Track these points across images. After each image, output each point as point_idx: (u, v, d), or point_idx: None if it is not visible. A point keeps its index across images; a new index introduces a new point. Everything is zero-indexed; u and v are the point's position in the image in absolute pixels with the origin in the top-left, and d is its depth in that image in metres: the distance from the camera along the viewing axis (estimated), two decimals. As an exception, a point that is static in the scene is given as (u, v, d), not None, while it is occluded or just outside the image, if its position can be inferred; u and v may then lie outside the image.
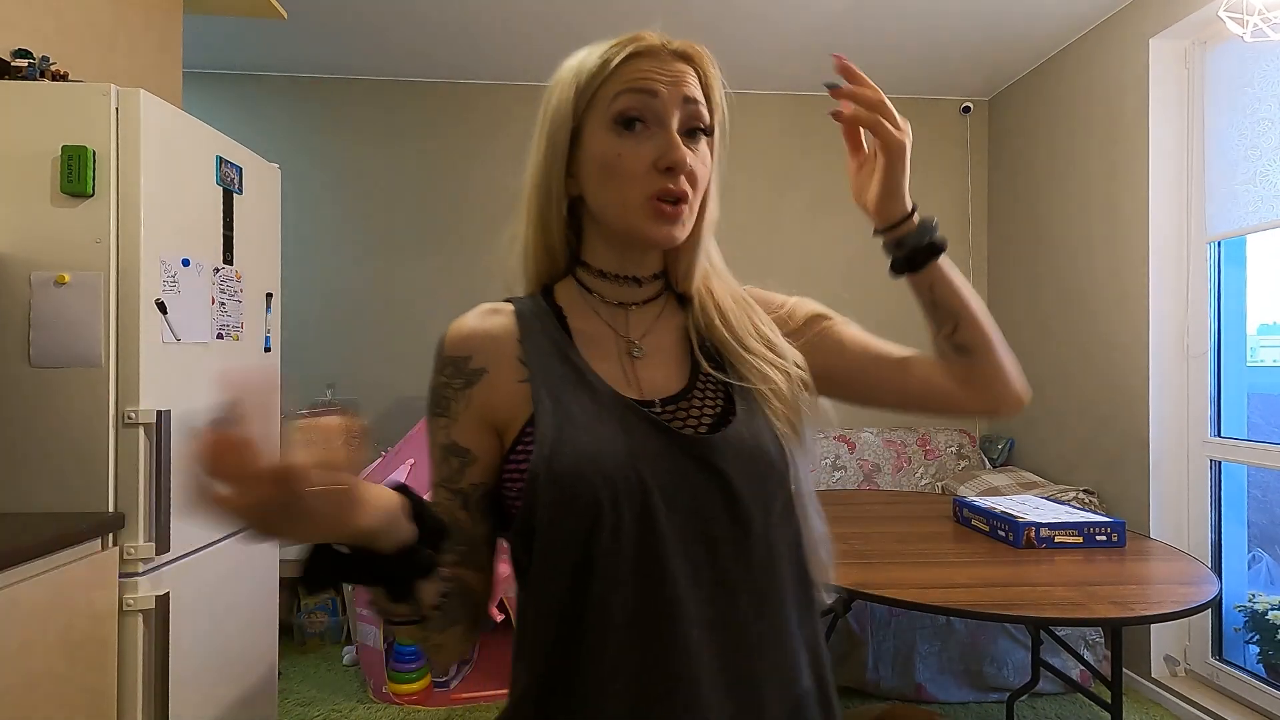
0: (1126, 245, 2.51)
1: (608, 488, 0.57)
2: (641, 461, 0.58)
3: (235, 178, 1.76)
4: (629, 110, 0.61)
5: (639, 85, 0.61)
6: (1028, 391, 0.72)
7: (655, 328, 0.69)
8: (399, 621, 0.57)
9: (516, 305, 0.69)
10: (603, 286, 0.68)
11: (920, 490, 3.01)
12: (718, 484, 0.60)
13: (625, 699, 0.56)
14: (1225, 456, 2.28)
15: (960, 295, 0.69)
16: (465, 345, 0.65)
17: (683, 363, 0.67)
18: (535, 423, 0.60)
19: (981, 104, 3.43)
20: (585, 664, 0.57)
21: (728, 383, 0.65)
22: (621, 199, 0.62)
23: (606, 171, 0.62)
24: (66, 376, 1.40)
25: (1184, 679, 2.36)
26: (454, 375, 0.64)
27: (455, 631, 0.62)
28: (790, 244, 3.33)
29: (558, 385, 0.62)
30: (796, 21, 2.69)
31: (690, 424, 0.62)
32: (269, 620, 1.94)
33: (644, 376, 0.65)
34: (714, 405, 0.64)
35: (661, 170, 0.61)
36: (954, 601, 1.36)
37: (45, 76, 1.51)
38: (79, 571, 1.31)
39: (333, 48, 2.94)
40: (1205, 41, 2.34)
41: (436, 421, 0.65)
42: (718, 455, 0.60)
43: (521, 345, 0.65)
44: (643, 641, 0.56)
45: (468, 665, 2.60)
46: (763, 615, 0.60)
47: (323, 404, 3.17)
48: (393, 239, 3.24)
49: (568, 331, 0.66)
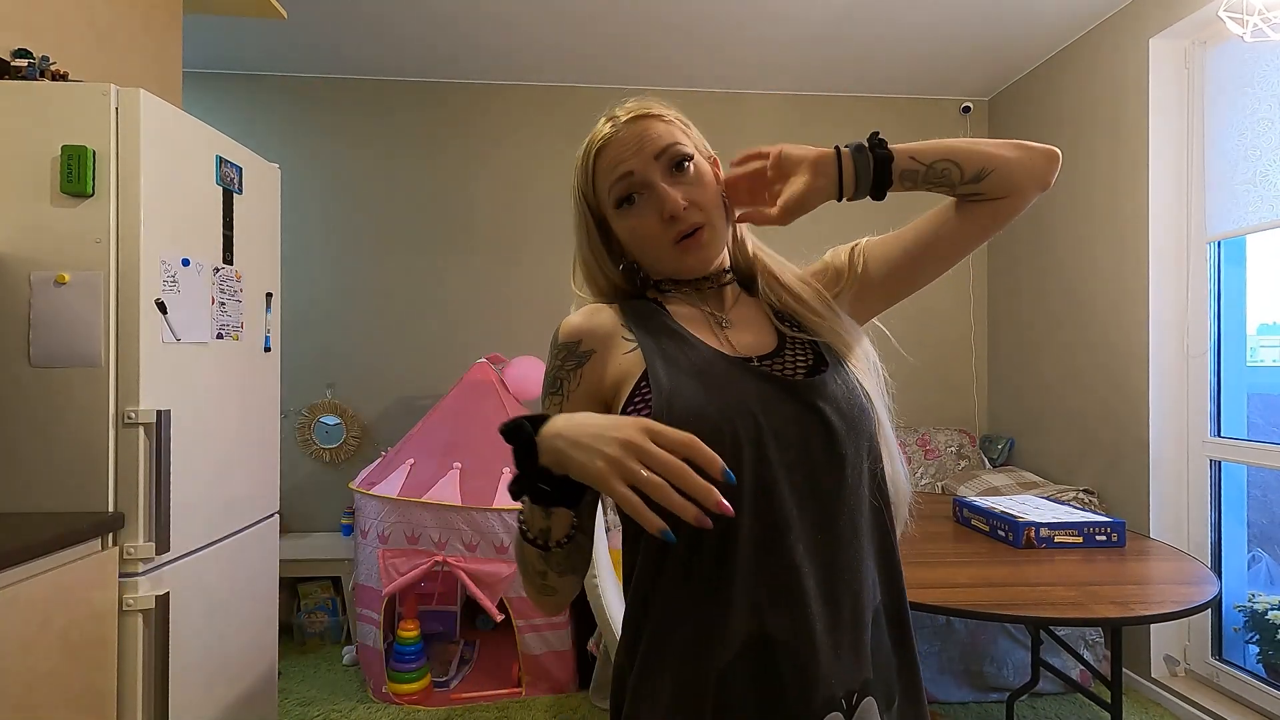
0: (1126, 245, 2.51)
1: (728, 425, 0.66)
2: (753, 402, 0.68)
3: (235, 178, 1.76)
4: (621, 196, 0.75)
5: (615, 174, 0.74)
6: (1052, 151, 0.77)
7: (736, 306, 0.80)
8: (533, 541, 0.67)
9: (615, 302, 0.80)
10: (684, 291, 0.80)
11: (920, 490, 3.01)
12: (819, 421, 0.69)
13: (751, 598, 0.66)
14: (1225, 456, 2.28)
15: (945, 158, 0.75)
16: (576, 333, 0.76)
17: (768, 329, 0.78)
18: (649, 376, 0.69)
19: (981, 104, 3.43)
20: (718, 575, 0.66)
21: (814, 340, 0.76)
22: (655, 256, 0.77)
23: (635, 243, 0.77)
24: (66, 376, 1.40)
25: (1184, 679, 2.36)
26: (567, 359, 0.75)
27: (570, 580, 0.72)
28: (790, 244, 3.31)
29: (666, 346, 0.72)
30: (796, 21, 2.68)
31: (788, 373, 0.73)
32: (269, 620, 1.94)
33: (737, 341, 0.76)
34: (805, 360, 0.75)
35: (667, 221, 0.73)
36: (954, 601, 1.36)
37: (45, 76, 1.51)
38: (79, 571, 1.31)
39: (333, 48, 2.94)
40: (1205, 41, 2.34)
41: (551, 400, 0.75)
42: (818, 396, 0.70)
43: (625, 325, 0.75)
44: (760, 556, 0.66)
45: (467, 665, 2.60)
46: (847, 538, 0.70)
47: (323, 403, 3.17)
48: (393, 239, 3.24)
49: (667, 312, 0.77)
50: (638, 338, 0.73)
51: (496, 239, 3.27)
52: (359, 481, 2.51)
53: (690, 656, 0.66)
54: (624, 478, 0.55)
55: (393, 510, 2.34)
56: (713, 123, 3.32)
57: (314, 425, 3.14)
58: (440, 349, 3.23)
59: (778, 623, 0.65)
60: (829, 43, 2.86)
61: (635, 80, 3.22)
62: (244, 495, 1.82)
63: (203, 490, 1.63)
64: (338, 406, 3.16)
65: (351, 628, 2.69)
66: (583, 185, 0.78)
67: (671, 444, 0.56)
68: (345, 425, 3.15)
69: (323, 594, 2.87)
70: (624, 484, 0.55)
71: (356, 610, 2.48)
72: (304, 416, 3.15)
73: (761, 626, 0.65)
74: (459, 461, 2.41)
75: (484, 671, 2.55)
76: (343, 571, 2.79)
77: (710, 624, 0.66)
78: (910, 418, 3.37)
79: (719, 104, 3.32)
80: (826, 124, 3.36)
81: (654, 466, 0.55)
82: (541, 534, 0.67)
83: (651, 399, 0.68)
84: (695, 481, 0.54)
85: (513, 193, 3.28)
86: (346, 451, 3.16)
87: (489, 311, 3.26)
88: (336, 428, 3.15)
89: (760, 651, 0.65)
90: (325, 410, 3.15)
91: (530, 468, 0.62)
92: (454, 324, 3.25)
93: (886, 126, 3.37)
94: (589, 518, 0.74)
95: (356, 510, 2.48)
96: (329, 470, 3.18)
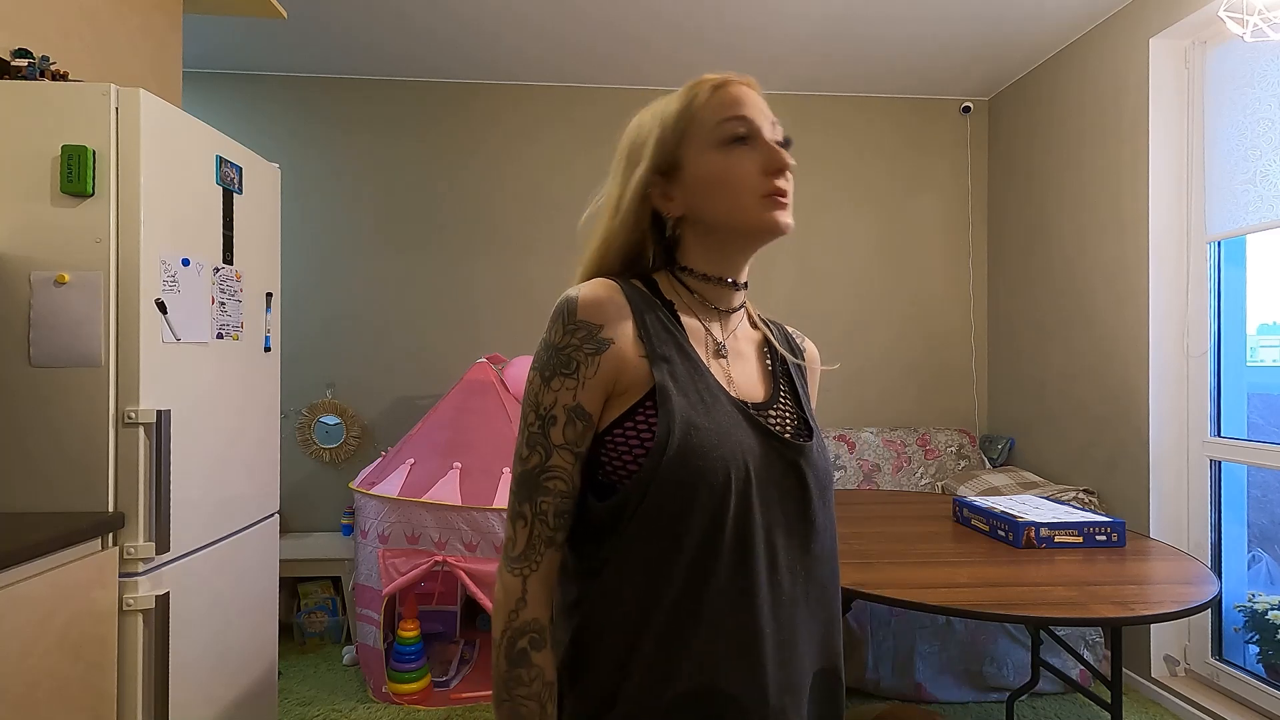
0: (1126, 245, 2.51)
1: (723, 470, 0.65)
2: (749, 452, 0.68)
3: (235, 177, 1.76)
4: (734, 132, 0.71)
5: (735, 112, 0.71)
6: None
7: (737, 334, 0.79)
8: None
9: (625, 288, 0.73)
10: (704, 288, 0.76)
11: (920, 490, 3.01)
12: (800, 485, 0.71)
13: (711, 650, 0.66)
14: (1225, 456, 2.28)
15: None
16: (598, 313, 0.69)
17: (761, 373, 0.78)
18: (659, 400, 0.67)
19: (981, 104, 3.43)
20: (681, 620, 0.66)
21: (799, 402, 0.78)
22: (736, 203, 0.71)
23: (718, 184, 0.71)
24: (66, 376, 1.40)
25: (1184, 679, 2.36)
26: (586, 340, 0.68)
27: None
28: (790, 243, 3.32)
29: (679, 372, 0.69)
30: (797, 21, 2.68)
31: (778, 429, 0.73)
32: (269, 620, 1.94)
33: (735, 375, 0.75)
34: (792, 419, 0.76)
35: (773, 173, 0.70)
36: (954, 601, 1.36)
37: (45, 76, 1.51)
38: (79, 571, 1.31)
39: (333, 48, 2.94)
40: (1205, 41, 2.34)
41: (564, 382, 0.68)
42: (805, 461, 0.71)
43: (637, 324, 0.70)
44: (729, 608, 0.66)
45: (467, 665, 2.60)
46: (808, 600, 0.71)
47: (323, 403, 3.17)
48: (392, 239, 3.24)
49: (680, 325, 0.74)
50: (649, 348, 0.69)
51: (496, 239, 3.27)
52: (359, 481, 2.51)
53: (643, 687, 0.66)
54: None
55: (393, 510, 2.34)
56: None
57: (314, 425, 3.14)
58: (440, 349, 3.23)
59: (732, 679, 0.66)
60: (829, 43, 2.86)
61: (636, 81, 3.22)
62: (244, 495, 1.82)
63: (203, 490, 1.63)
64: (338, 406, 3.16)
65: (351, 628, 2.69)
66: (671, 115, 0.73)
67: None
68: (345, 425, 3.15)
69: (323, 594, 2.87)
70: None
71: (356, 610, 2.48)
72: (304, 416, 3.15)
73: (714, 681, 0.65)
74: (459, 461, 2.41)
75: (484, 671, 2.55)
76: (343, 571, 2.80)
77: (666, 666, 0.65)
78: (910, 418, 3.37)
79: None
80: (827, 124, 3.36)
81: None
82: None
83: (657, 424, 0.66)
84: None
85: (513, 192, 3.28)
86: (346, 451, 3.16)
87: (489, 311, 3.26)
88: (336, 428, 3.15)
89: (709, 703, 0.65)
90: (325, 410, 3.15)
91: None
92: (454, 324, 3.25)
93: (886, 127, 3.37)
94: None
95: (356, 510, 2.48)
96: (329, 470, 3.18)
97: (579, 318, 0.68)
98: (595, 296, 0.70)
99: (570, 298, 0.70)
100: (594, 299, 0.69)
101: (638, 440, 0.66)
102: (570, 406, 0.67)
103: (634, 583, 0.66)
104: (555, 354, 0.68)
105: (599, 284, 0.71)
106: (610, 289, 0.71)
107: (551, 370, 0.68)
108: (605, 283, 0.72)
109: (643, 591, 0.66)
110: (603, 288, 0.71)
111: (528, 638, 0.67)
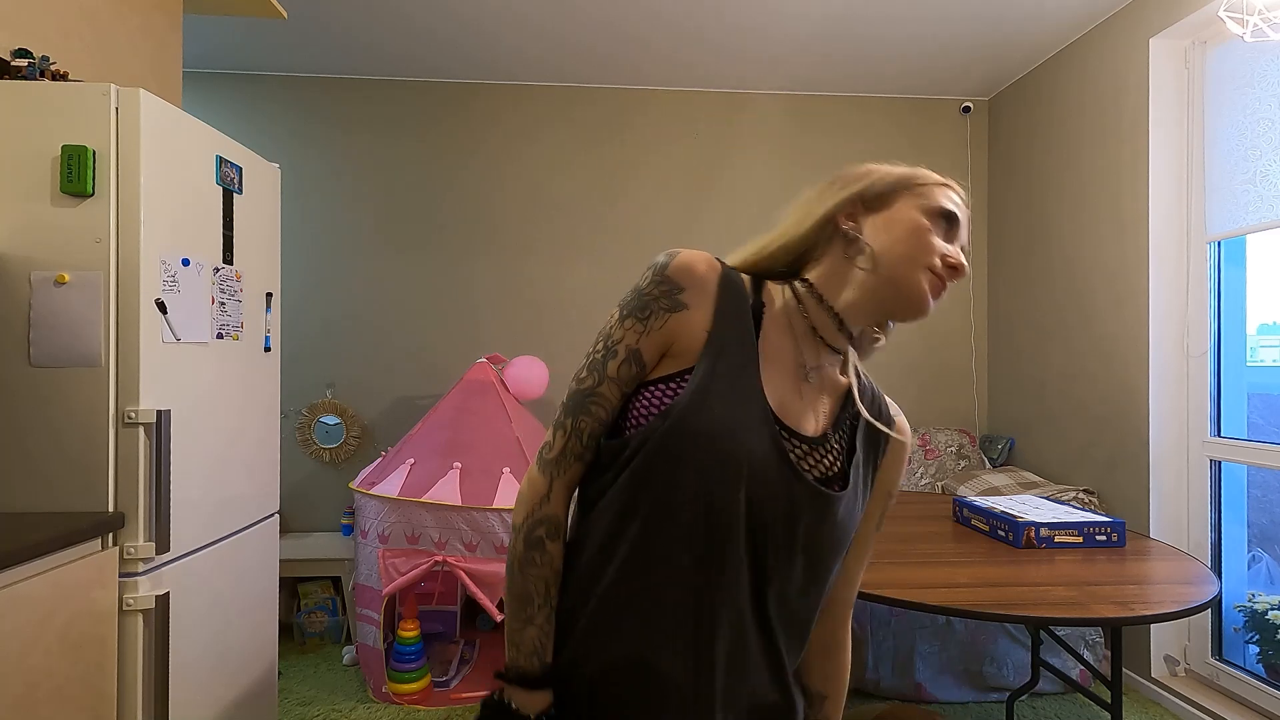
0: (1126, 245, 2.51)
1: (718, 462, 0.67)
2: (750, 457, 0.68)
3: (235, 177, 1.76)
4: (946, 208, 0.74)
5: (948, 204, 0.74)
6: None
7: (827, 366, 0.77)
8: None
9: (726, 272, 0.75)
10: (818, 314, 0.76)
11: (920, 490, 3.01)
12: (791, 521, 0.70)
13: (652, 627, 0.69)
14: (1225, 456, 2.28)
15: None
16: (687, 278, 0.72)
17: (826, 415, 0.76)
18: (692, 376, 0.70)
19: (981, 104, 3.43)
20: (627, 583, 0.70)
21: (853, 456, 0.76)
22: (910, 257, 0.73)
23: (910, 233, 0.73)
24: (66, 376, 1.40)
25: (1184, 679, 2.36)
26: (665, 295, 0.72)
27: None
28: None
29: (726, 364, 0.70)
30: (796, 21, 2.68)
31: (803, 463, 0.72)
32: (269, 620, 1.94)
33: (805, 402, 0.75)
34: (834, 464, 0.74)
35: (950, 264, 0.73)
36: (954, 601, 1.36)
37: (45, 76, 1.51)
38: (79, 571, 1.31)
39: (333, 48, 2.94)
40: (1205, 41, 2.34)
41: (634, 325, 0.72)
42: (813, 504, 0.70)
43: (717, 305, 0.72)
44: (683, 593, 0.68)
45: (468, 665, 2.60)
46: (770, 647, 0.72)
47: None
48: (392, 239, 3.24)
49: (758, 327, 0.74)
50: (713, 330, 0.71)
51: (496, 239, 3.27)
52: (359, 481, 2.51)
53: (587, 631, 0.71)
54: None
55: (393, 510, 2.34)
56: (716, 122, 3.33)
57: (314, 425, 3.14)
58: (440, 349, 3.23)
59: (673, 663, 0.69)
60: (829, 43, 2.86)
61: (636, 81, 3.22)
62: (244, 495, 1.82)
63: (203, 490, 1.63)
64: (338, 406, 3.16)
65: (351, 628, 2.69)
66: (898, 172, 0.76)
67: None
68: (345, 425, 3.15)
69: (323, 594, 2.87)
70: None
71: (356, 610, 2.48)
72: (304, 416, 3.15)
73: (644, 655, 0.69)
74: (459, 461, 2.41)
75: (484, 671, 2.55)
76: (343, 571, 2.80)
77: (607, 623, 0.70)
78: (910, 417, 3.37)
79: (722, 104, 3.32)
80: (827, 124, 3.36)
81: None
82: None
83: (679, 396, 0.69)
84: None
85: (513, 192, 3.28)
86: (346, 451, 3.16)
87: (489, 311, 3.26)
88: (336, 428, 3.15)
89: (640, 674, 0.69)
90: (325, 410, 3.15)
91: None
92: (454, 324, 3.25)
93: (886, 127, 3.37)
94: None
95: (356, 510, 2.48)
96: (329, 470, 3.18)
97: (669, 274, 0.72)
98: (692, 263, 0.73)
99: (672, 253, 0.73)
100: (689, 265, 0.73)
101: (658, 403, 0.70)
102: (632, 348, 0.72)
103: (601, 529, 0.71)
104: (638, 297, 0.73)
105: (703, 256, 0.74)
106: (709, 264, 0.74)
107: (629, 311, 0.73)
108: (708, 257, 0.74)
109: (605, 540, 0.71)
110: (703, 260, 0.73)
111: (545, 528, 0.73)
